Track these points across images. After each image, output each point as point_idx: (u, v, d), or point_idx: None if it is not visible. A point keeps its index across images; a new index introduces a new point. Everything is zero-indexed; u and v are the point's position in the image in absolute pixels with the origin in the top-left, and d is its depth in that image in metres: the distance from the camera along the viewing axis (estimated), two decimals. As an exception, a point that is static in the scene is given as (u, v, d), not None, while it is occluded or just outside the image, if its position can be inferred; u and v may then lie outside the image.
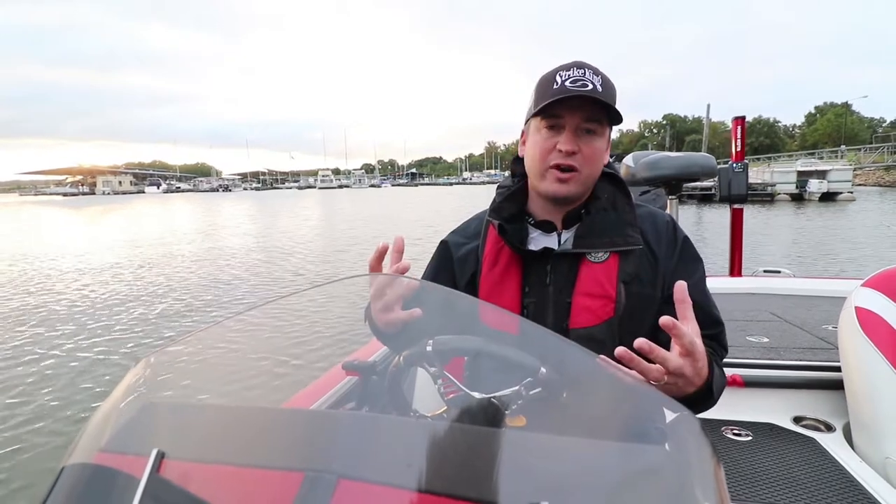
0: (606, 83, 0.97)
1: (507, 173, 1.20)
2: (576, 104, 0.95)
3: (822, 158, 46.32)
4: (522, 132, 1.10)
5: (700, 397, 0.83)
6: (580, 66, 0.98)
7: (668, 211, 2.75)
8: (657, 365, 0.75)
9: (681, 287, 0.77)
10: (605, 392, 0.63)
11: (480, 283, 1.08)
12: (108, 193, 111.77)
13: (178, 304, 7.69)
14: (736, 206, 3.38)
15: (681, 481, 0.48)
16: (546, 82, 0.99)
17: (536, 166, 1.02)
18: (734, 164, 3.25)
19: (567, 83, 0.95)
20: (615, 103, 0.98)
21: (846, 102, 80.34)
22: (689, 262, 1.03)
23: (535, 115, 1.00)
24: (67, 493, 0.55)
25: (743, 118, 3.35)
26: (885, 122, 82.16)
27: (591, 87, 0.94)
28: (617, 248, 1.00)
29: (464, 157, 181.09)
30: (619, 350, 0.72)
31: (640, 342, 0.72)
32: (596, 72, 0.97)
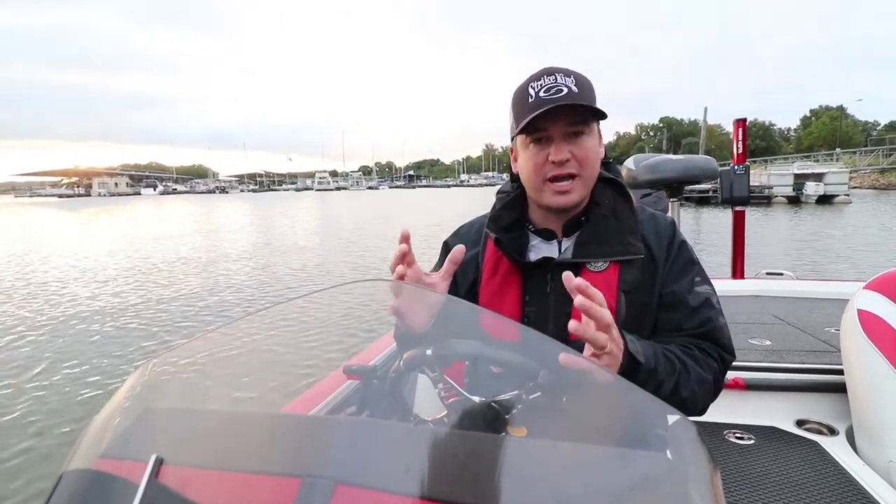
0: (581, 82, 0.96)
1: (504, 175, 1.19)
2: (556, 113, 0.93)
3: (817, 161, 46.58)
4: (511, 149, 1.08)
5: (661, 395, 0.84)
6: (550, 72, 0.96)
7: (669, 213, 2.76)
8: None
9: (567, 277, 0.73)
10: (604, 398, 0.63)
11: (480, 292, 1.08)
12: (104, 195, 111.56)
13: (178, 307, 7.68)
14: (738, 208, 3.38)
15: (677, 488, 0.48)
16: (521, 97, 0.98)
17: (533, 181, 1.00)
18: (735, 167, 3.25)
19: (541, 94, 0.94)
20: (594, 99, 0.97)
21: (841, 106, 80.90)
22: (683, 265, 1.02)
23: (518, 132, 0.99)
24: (67, 500, 0.55)
25: (744, 121, 3.34)
26: (879, 125, 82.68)
27: (565, 91, 0.93)
28: (617, 258, 0.98)
29: (461, 160, 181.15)
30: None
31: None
32: (567, 73, 0.96)
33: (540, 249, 1.06)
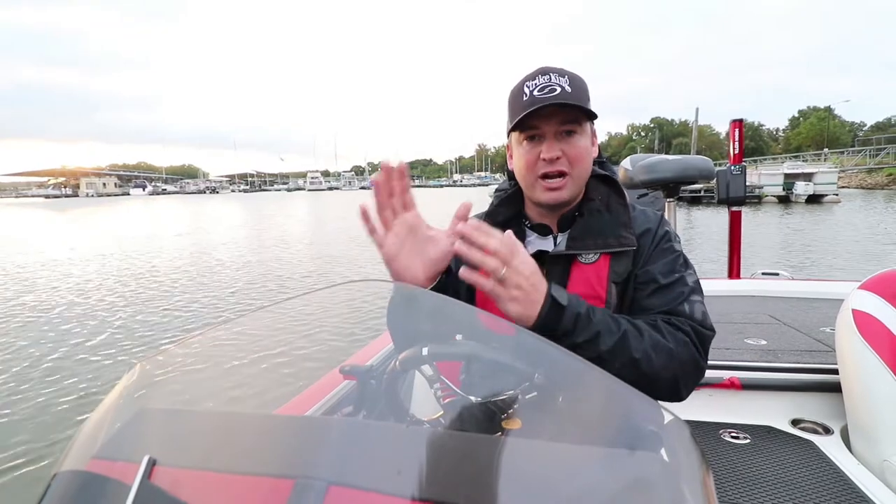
0: (574, 82, 0.98)
1: (497, 175, 1.20)
2: (549, 111, 0.96)
3: (806, 161, 47.12)
4: (507, 146, 1.11)
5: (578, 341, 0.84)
6: (545, 71, 0.99)
7: (666, 214, 2.76)
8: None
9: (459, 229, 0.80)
10: (598, 398, 0.63)
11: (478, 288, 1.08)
12: (92, 196, 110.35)
13: (171, 308, 7.61)
14: (734, 208, 3.39)
15: (670, 488, 0.48)
16: (516, 96, 1.00)
17: (525, 178, 1.03)
18: (732, 167, 3.26)
19: (535, 92, 0.96)
20: (588, 99, 0.99)
21: (829, 107, 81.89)
22: (663, 250, 1.02)
23: (512, 129, 1.02)
24: (59, 500, 0.55)
25: (741, 121, 3.35)
26: (865, 125, 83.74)
27: (559, 90, 0.96)
28: (608, 250, 1.00)
29: (454, 160, 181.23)
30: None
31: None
32: (562, 73, 0.98)
33: (535, 244, 1.08)
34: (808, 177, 31.05)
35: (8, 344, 5.89)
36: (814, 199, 29.61)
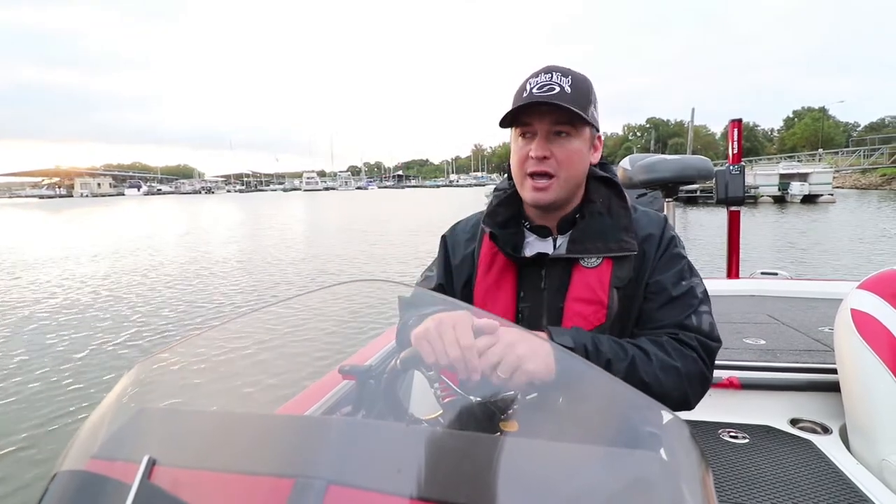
0: (576, 83, 0.97)
1: (493, 176, 1.19)
2: (543, 109, 0.95)
3: (800, 161, 47.27)
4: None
5: None
6: (549, 70, 0.98)
7: (664, 214, 2.75)
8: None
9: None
10: (598, 398, 0.63)
11: (475, 287, 1.08)
12: (87, 196, 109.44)
13: (171, 308, 7.58)
14: (733, 208, 3.39)
15: (670, 487, 0.48)
16: (519, 91, 1.00)
17: (516, 174, 1.03)
18: (731, 167, 3.26)
19: (535, 90, 0.96)
20: (588, 102, 0.98)
21: (823, 107, 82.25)
22: (670, 258, 1.02)
23: (508, 124, 1.01)
24: (59, 500, 0.55)
25: (740, 121, 3.36)
26: (859, 126, 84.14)
27: (557, 90, 0.95)
28: (611, 254, 0.99)
29: (450, 160, 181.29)
30: None
31: None
32: (566, 73, 0.97)
33: (535, 246, 1.06)
34: (803, 177, 31.11)
35: (7, 344, 5.86)
36: (809, 200, 29.69)
